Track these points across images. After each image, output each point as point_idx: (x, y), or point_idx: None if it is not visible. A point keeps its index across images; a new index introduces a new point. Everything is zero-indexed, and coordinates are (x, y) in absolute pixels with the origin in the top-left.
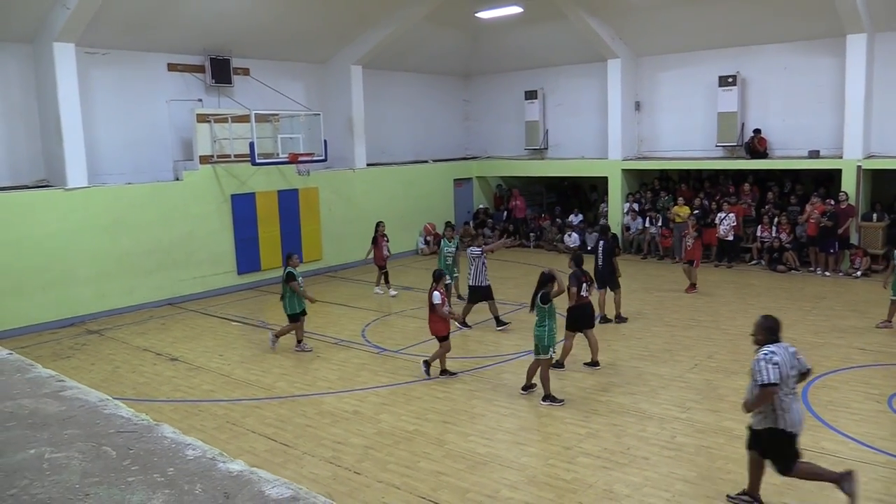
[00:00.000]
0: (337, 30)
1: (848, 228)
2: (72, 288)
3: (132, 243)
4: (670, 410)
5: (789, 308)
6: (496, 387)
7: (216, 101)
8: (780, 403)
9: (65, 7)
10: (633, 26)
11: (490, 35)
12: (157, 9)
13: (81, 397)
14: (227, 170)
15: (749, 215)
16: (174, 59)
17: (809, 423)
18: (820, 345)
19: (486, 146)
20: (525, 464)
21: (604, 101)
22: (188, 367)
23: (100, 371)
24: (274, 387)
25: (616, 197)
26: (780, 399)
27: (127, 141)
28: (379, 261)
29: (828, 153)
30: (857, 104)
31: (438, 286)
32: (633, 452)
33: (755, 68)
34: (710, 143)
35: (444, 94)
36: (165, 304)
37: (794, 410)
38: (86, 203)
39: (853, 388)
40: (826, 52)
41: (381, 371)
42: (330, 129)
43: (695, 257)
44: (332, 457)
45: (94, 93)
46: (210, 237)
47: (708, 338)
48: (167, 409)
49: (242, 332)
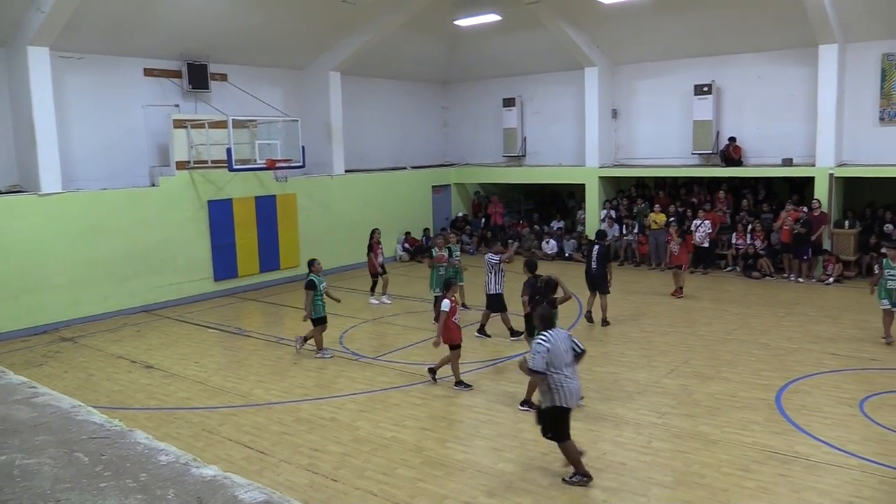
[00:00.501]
0: (315, 36)
1: (821, 235)
2: (45, 295)
3: (107, 250)
4: (647, 416)
5: (764, 314)
6: (474, 393)
7: (193, 107)
8: (553, 382)
9: (39, 11)
10: (610, 35)
11: (468, 42)
12: (134, 13)
13: (53, 403)
14: (204, 176)
15: (724, 222)
16: (151, 63)
17: (783, 427)
18: (794, 350)
19: (465, 153)
20: (502, 470)
21: (581, 109)
22: (164, 375)
23: (73, 379)
24: (250, 394)
25: (593, 204)
26: (554, 379)
27: (102, 146)
28: (373, 269)
29: (801, 161)
30: (829, 113)
31: (449, 294)
32: (610, 458)
33: (730, 77)
34: (686, 150)
35: (423, 100)
36: (141, 311)
37: (568, 388)
38: (60, 209)
39: (826, 393)
40: (799, 61)
41: (359, 378)
42: (308, 136)
43: (682, 262)
44: (309, 464)
45: (68, 97)
46: (186, 243)
47: (684, 343)
48: (142, 417)
49: (219, 339)
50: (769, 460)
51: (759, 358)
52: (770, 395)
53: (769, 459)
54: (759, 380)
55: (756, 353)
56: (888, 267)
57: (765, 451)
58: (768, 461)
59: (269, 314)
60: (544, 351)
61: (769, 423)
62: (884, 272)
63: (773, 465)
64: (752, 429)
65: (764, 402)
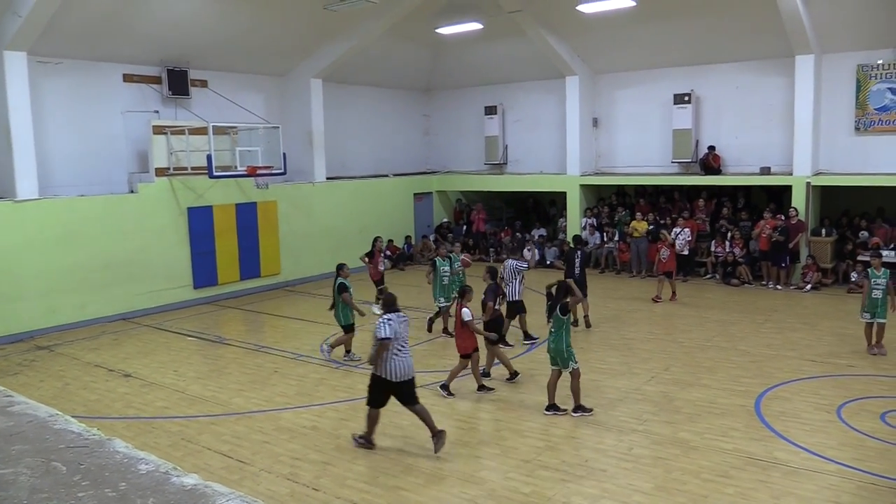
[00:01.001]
0: (297, 43)
1: (798, 243)
2: (20, 302)
3: (85, 257)
4: (628, 423)
5: (742, 321)
6: (455, 401)
7: (173, 113)
8: (385, 356)
9: (16, 15)
10: (590, 44)
11: (450, 50)
12: (113, 18)
13: (30, 412)
14: (184, 182)
15: (703, 230)
16: (130, 69)
17: (763, 433)
18: (772, 357)
19: (446, 161)
20: (484, 478)
21: (562, 118)
22: (142, 384)
23: (49, 388)
24: (230, 403)
25: (574, 212)
26: (389, 352)
27: (81, 152)
28: (375, 276)
29: (778, 170)
30: (806, 122)
31: (464, 302)
32: (591, 465)
33: (709, 87)
34: (666, 159)
35: (405, 108)
36: (119, 318)
37: (396, 364)
38: (36, 215)
39: (804, 399)
40: (776, 71)
41: (340, 386)
42: (289, 143)
43: (671, 268)
44: (290, 473)
45: (46, 103)
46: (166, 251)
47: (664, 350)
48: (119, 427)
49: (198, 348)
50: (749, 466)
51: (739, 365)
52: (749, 401)
53: (749, 465)
54: (738, 386)
55: (735, 360)
56: (873, 276)
57: (744, 457)
58: (748, 467)
59: (250, 322)
60: (389, 326)
61: (749, 429)
62: (870, 281)
63: (752, 471)
64: (731, 435)
65: (743, 408)
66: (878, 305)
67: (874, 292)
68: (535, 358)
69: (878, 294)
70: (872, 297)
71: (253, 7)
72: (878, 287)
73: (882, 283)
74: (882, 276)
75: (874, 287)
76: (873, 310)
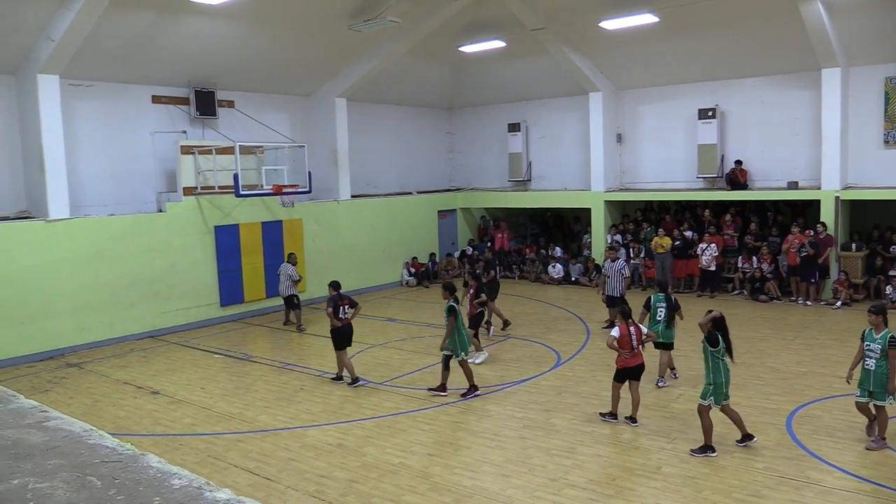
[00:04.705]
0: (321, 63)
1: (828, 258)
2: (51, 321)
3: (114, 275)
4: (656, 441)
5: (773, 337)
6: (481, 418)
7: (200, 133)
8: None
9: (49, 39)
10: (613, 60)
11: (473, 69)
12: (142, 41)
13: (65, 427)
14: (211, 201)
15: (731, 246)
16: (159, 91)
17: (795, 452)
18: (803, 374)
19: (470, 178)
20: (511, 496)
21: (586, 134)
22: (169, 401)
23: (79, 405)
24: (257, 420)
25: (599, 228)
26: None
27: (110, 172)
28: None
29: (806, 184)
30: (834, 136)
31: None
32: (620, 483)
33: (734, 101)
34: (692, 174)
35: (428, 126)
36: (147, 336)
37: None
38: (67, 235)
39: (837, 417)
40: (802, 85)
41: (366, 404)
42: (314, 161)
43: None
44: (316, 490)
45: (77, 124)
46: (193, 269)
47: (691, 368)
48: (147, 443)
49: (225, 365)
50: (781, 486)
51: (769, 382)
52: (780, 419)
53: (781, 485)
54: (769, 404)
55: (765, 377)
56: (869, 339)
57: (776, 476)
58: (780, 487)
59: (276, 339)
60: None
61: (780, 447)
62: (863, 345)
63: (784, 490)
64: (763, 454)
65: (774, 426)
66: (871, 382)
67: (866, 361)
68: (563, 375)
69: (871, 365)
70: (865, 366)
71: (278, 29)
72: (871, 355)
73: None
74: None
75: (867, 355)
76: (866, 384)
